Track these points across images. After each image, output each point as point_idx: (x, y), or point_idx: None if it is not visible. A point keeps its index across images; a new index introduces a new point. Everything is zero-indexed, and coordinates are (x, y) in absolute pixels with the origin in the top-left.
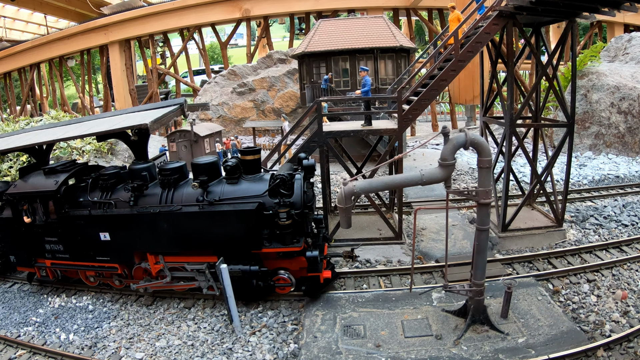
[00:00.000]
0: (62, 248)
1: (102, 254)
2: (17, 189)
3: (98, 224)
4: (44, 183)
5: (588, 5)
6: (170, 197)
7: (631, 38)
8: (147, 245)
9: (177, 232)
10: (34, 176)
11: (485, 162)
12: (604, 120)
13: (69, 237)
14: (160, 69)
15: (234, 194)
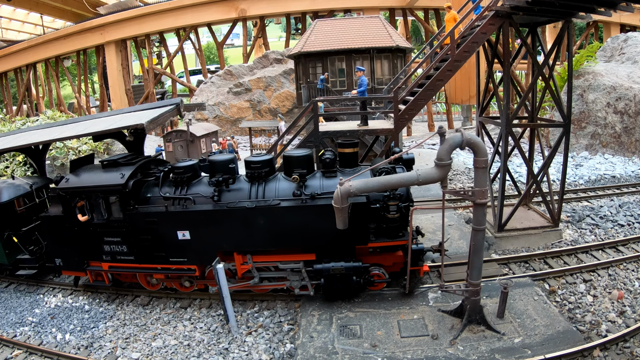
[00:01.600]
0: (125, 249)
1: (178, 254)
2: (71, 184)
3: (176, 221)
4: (106, 177)
5: (584, 5)
6: (262, 192)
7: (627, 38)
8: (235, 243)
9: (273, 229)
10: (89, 170)
11: (482, 162)
12: (600, 120)
13: (137, 236)
14: (157, 69)
15: (334, 188)
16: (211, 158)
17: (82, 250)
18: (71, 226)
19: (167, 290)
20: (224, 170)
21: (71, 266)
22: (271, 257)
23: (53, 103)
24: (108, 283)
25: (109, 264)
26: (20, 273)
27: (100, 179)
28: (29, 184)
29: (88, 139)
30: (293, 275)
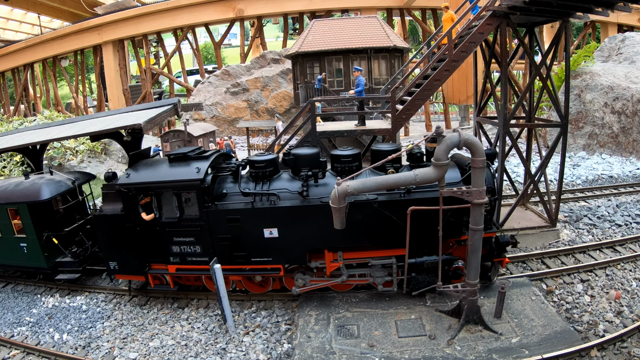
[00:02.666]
0: (199, 250)
1: (262, 254)
2: (135, 179)
3: (263, 218)
4: (179, 172)
5: (582, 5)
6: None
7: (625, 38)
8: (328, 240)
9: (369, 224)
10: (152, 165)
11: (479, 162)
12: (598, 120)
13: (214, 236)
14: (154, 69)
15: None
16: (296, 151)
17: (143, 253)
18: (132, 226)
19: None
20: (312, 165)
21: (129, 270)
22: (361, 254)
23: (50, 103)
24: (173, 287)
25: (177, 266)
26: (60, 278)
27: (171, 173)
28: (71, 179)
29: (85, 139)
30: (377, 271)
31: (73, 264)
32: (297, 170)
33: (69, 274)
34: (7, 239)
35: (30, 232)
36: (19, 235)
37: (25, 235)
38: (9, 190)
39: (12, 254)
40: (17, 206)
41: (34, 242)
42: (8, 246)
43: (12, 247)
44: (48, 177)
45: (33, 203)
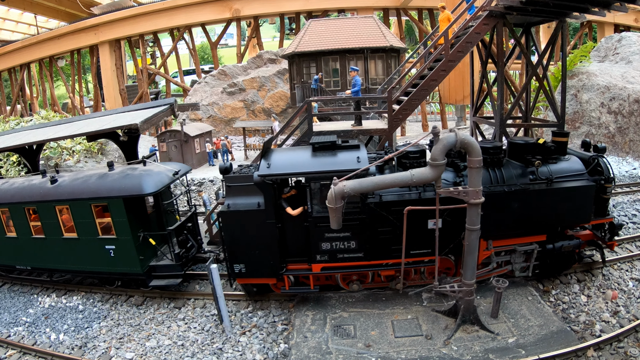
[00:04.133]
0: (354, 245)
1: (422, 245)
2: (281, 170)
3: (432, 210)
4: (337, 161)
5: (578, 5)
6: (501, 176)
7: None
8: (487, 228)
9: (523, 212)
10: (291, 154)
11: (476, 162)
12: (594, 120)
13: (375, 229)
14: (151, 69)
15: (560, 172)
16: None
17: (280, 252)
18: (272, 222)
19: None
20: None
21: (259, 272)
22: (506, 242)
23: (47, 103)
24: (314, 288)
25: (323, 265)
26: (157, 284)
27: (328, 163)
28: (173, 171)
29: (82, 139)
30: (518, 257)
31: (173, 267)
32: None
33: (168, 280)
34: (86, 241)
35: (123, 231)
36: (106, 236)
37: (115, 235)
38: (92, 183)
39: (90, 259)
40: (107, 202)
41: (128, 244)
42: (86, 249)
43: (93, 250)
44: (143, 167)
45: (132, 198)
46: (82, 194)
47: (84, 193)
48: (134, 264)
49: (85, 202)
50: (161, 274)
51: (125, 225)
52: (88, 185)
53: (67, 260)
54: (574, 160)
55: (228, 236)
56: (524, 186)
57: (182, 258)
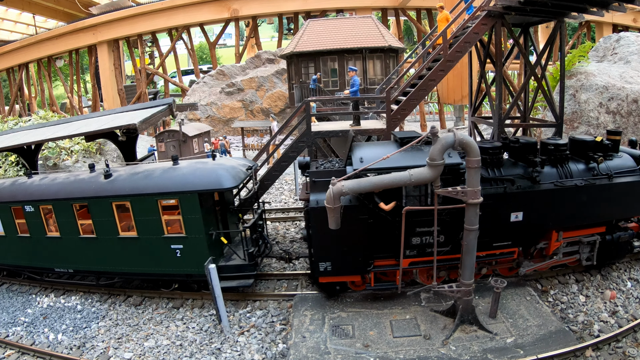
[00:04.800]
0: (442, 239)
1: (504, 237)
2: (378, 164)
3: (512, 203)
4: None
5: (577, 5)
6: (568, 171)
7: (620, 38)
8: (557, 221)
9: (589, 205)
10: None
11: (474, 162)
12: (593, 120)
13: (461, 223)
14: (149, 69)
15: (617, 169)
16: (522, 139)
17: (370, 248)
18: (365, 218)
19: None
20: (533, 151)
21: (346, 269)
22: (572, 233)
23: (45, 103)
24: (399, 283)
25: (411, 260)
26: (227, 286)
27: (419, 157)
28: (246, 166)
29: (80, 139)
30: (585, 247)
31: (244, 267)
32: (518, 156)
33: (239, 281)
34: (148, 240)
35: (195, 229)
36: (173, 234)
37: (184, 234)
38: (158, 177)
39: (151, 259)
40: (179, 197)
41: (199, 243)
42: (147, 249)
43: (155, 250)
44: (213, 161)
45: (207, 193)
46: (147, 189)
47: (148, 188)
48: (185, 265)
49: (151, 198)
50: (230, 274)
51: (199, 222)
52: (154, 179)
53: (122, 262)
54: (626, 158)
55: (316, 233)
56: (591, 181)
57: (254, 257)
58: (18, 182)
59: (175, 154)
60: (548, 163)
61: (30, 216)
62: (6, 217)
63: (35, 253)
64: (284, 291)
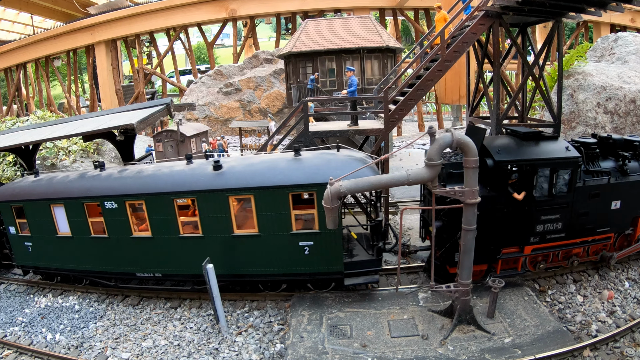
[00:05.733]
0: (560, 226)
1: (604, 224)
2: (511, 157)
3: (614, 192)
4: (547, 149)
5: (574, 5)
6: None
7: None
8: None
9: None
10: (500, 140)
11: (472, 162)
12: (590, 120)
13: (575, 211)
14: (147, 69)
15: None
16: (615, 137)
17: (499, 236)
18: (501, 207)
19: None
20: (626, 148)
21: (479, 258)
22: None
23: (43, 103)
24: (521, 270)
25: (533, 247)
26: (353, 283)
27: (545, 151)
28: (371, 158)
29: (78, 139)
30: None
31: (371, 263)
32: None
33: (365, 277)
34: (272, 237)
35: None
36: (304, 230)
37: (317, 229)
38: (286, 169)
39: (272, 259)
40: (316, 190)
41: (332, 239)
42: (269, 248)
43: (280, 248)
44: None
45: None
46: (275, 181)
47: (277, 180)
48: (336, 262)
49: (281, 190)
50: (356, 271)
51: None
52: (281, 171)
53: (234, 263)
54: None
55: (453, 224)
56: None
57: (381, 252)
58: (88, 174)
59: (297, 145)
60: (633, 158)
61: (112, 214)
62: (76, 215)
63: (113, 256)
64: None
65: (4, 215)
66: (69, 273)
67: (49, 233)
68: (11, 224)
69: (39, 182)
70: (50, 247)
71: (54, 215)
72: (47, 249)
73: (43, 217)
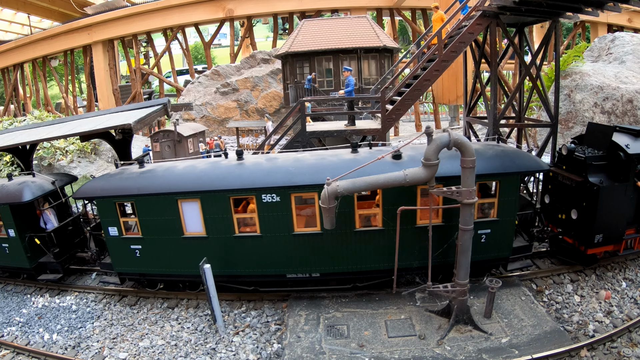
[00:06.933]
0: None
1: None
2: None
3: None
4: None
5: (572, 5)
6: None
7: (614, 38)
8: None
9: None
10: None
11: (469, 162)
12: (588, 120)
13: None
14: (144, 69)
15: None
16: None
17: (627, 219)
18: (628, 194)
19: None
20: None
21: (609, 240)
22: None
23: (40, 103)
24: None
25: None
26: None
27: None
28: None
29: (75, 139)
30: None
31: (524, 248)
32: None
33: (520, 262)
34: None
35: (508, 212)
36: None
37: (496, 217)
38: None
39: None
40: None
41: (508, 227)
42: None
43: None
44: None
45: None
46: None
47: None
48: (506, 248)
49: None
50: (515, 256)
51: (513, 205)
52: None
53: (420, 253)
54: None
55: (601, 209)
56: None
57: (533, 238)
58: (221, 164)
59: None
60: None
61: (270, 208)
62: (216, 211)
63: (261, 256)
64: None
65: (103, 214)
66: (190, 279)
67: (170, 233)
68: (113, 225)
69: (153, 174)
70: (171, 250)
71: (181, 212)
72: (164, 253)
73: (163, 215)
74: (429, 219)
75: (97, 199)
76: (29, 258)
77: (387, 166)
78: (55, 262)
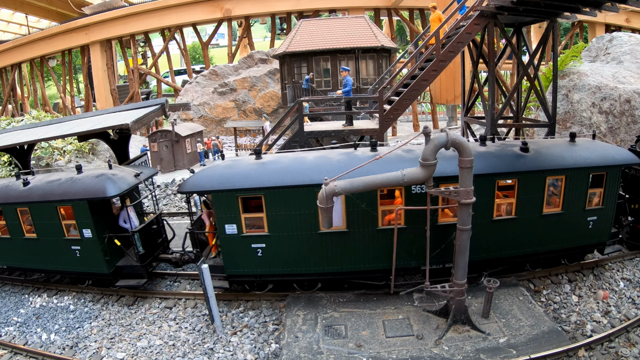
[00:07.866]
0: None
1: None
2: None
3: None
4: None
5: (569, 5)
6: None
7: (612, 38)
8: None
9: None
10: None
11: (467, 162)
12: (585, 121)
13: None
14: (142, 69)
15: None
16: None
17: None
18: None
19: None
20: None
21: None
22: None
23: (38, 103)
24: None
25: None
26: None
27: None
28: None
29: (73, 139)
30: None
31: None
32: None
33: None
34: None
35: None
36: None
37: (602, 205)
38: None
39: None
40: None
41: (611, 213)
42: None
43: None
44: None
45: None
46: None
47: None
48: (606, 233)
49: (584, 171)
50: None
51: (615, 194)
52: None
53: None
54: None
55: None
56: None
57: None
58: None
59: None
60: None
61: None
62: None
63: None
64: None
65: (221, 210)
66: (328, 277)
67: (304, 229)
68: (231, 222)
69: (280, 165)
70: (305, 247)
71: None
72: (297, 250)
73: (299, 209)
74: (427, 217)
75: (214, 192)
76: (108, 262)
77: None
78: (140, 265)
